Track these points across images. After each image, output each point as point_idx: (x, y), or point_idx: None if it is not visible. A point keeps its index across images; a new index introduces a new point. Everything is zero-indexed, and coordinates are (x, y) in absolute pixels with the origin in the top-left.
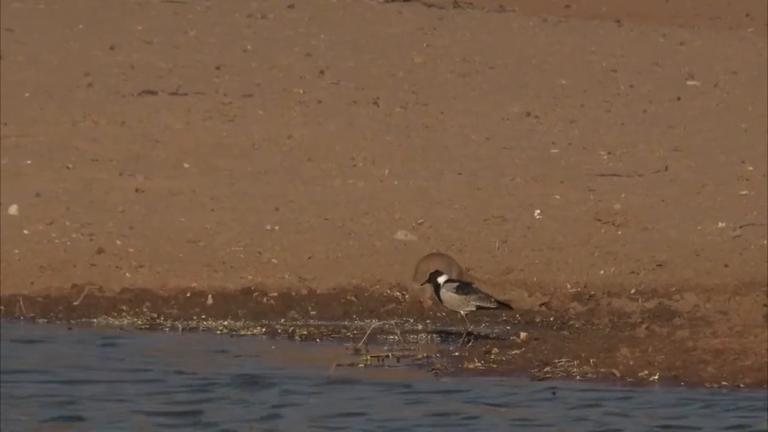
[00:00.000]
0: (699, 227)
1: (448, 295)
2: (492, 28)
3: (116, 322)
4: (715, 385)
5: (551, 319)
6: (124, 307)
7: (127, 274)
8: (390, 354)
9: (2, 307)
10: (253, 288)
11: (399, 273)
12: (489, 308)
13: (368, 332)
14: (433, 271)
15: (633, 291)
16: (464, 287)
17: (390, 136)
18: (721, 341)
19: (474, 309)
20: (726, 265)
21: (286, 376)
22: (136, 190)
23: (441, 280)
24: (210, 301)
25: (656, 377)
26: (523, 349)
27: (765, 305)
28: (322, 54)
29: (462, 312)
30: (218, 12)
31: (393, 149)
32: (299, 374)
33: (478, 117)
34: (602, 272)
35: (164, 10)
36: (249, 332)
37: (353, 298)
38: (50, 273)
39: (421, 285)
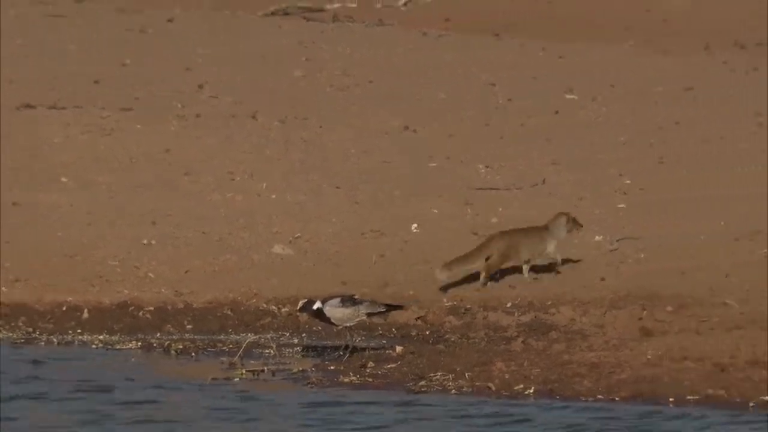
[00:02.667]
0: (576, 240)
1: (335, 311)
2: (372, 42)
3: None
4: (591, 399)
5: (427, 332)
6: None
7: (3, 289)
8: (266, 368)
9: None
10: (129, 302)
11: (276, 287)
12: (380, 313)
13: (244, 346)
14: (305, 301)
15: (509, 305)
16: (348, 300)
17: (268, 150)
18: (596, 355)
19: (365, 318)
20: (602, 279)
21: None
22: (14, 204)
23: (317, 305)
24: (86, 315)
25: (531, 391)
26: (399, 362)
27: (640, 319)
28: (202, 68)
29: (351, 324)
30: (98, 26)
31: (271, 163)
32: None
33: (357, 131)
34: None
35: (43, 23)
36: (124, 346)
37: (229, 312)
38: None
39: (298, 311)
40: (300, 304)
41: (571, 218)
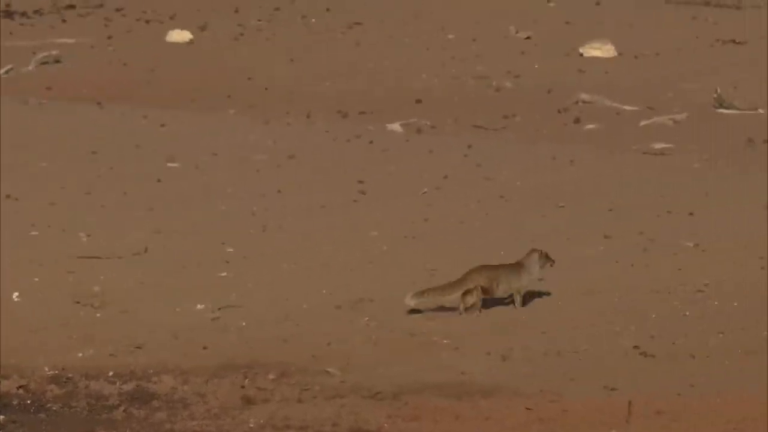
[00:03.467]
0: (178, 309)
1: None
2: None
3: None
4: None
5: (29, 402)
6: None
7: None
8: None
9: None
10: None
11: None
12: None
13: None
14: None
15: (111, 373)
16: None
17: None
18: (198, 423)
19: None
20: (205, 347)
21: None
22: None
23: None
24: None
25: None
26: None
27: (243, 387)
28: None
29: None
30: None
31: None
32: None
33: None
34: (81, 355)
35: None
36: None
37: None
38: None
39: None
40: None
41: (544, 254)
